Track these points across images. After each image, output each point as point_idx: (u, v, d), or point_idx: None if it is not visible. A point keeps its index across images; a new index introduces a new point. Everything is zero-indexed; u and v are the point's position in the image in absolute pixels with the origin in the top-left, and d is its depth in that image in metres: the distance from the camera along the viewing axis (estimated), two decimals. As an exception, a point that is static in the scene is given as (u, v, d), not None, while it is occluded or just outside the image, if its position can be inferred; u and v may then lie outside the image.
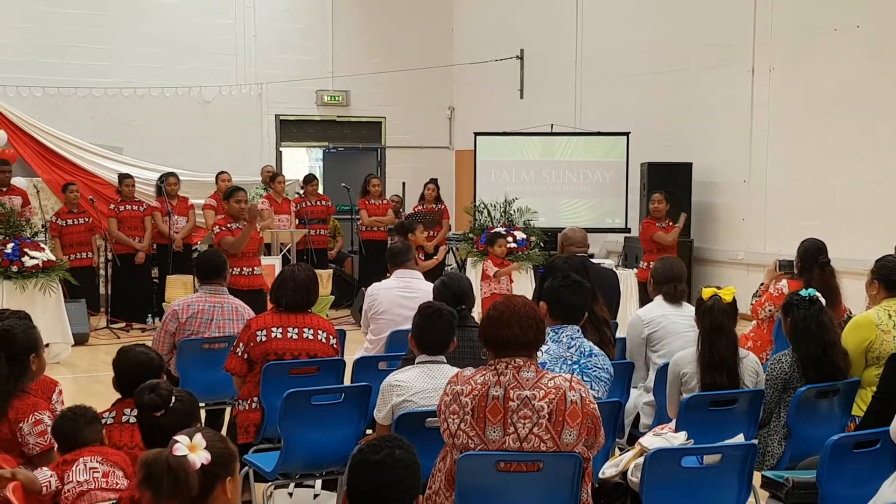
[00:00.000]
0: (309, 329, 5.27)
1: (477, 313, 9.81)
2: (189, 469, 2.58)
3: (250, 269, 8.41)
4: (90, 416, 3.83)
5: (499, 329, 3.58)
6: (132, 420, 3.84)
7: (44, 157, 12.74)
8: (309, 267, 5.62)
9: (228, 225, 8.45)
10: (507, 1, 15.52)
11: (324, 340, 5.30)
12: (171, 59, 14.49)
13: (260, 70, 15.15)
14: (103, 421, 3.90)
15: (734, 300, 4.74)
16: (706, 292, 4.75)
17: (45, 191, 12.23)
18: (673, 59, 12.91)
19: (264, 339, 5.17)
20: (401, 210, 13.79)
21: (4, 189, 11.31)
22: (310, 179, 13.16)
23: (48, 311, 9.28)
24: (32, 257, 9.29)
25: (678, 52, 12.85)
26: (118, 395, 4.14)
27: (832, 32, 10.96)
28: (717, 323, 4.65)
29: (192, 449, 2.61)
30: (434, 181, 13.00)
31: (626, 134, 12.94)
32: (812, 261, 6.38)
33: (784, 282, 6.60)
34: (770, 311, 6.51)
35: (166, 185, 11.81)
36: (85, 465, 3.65)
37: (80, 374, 9.07)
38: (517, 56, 15.33)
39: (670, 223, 10.59)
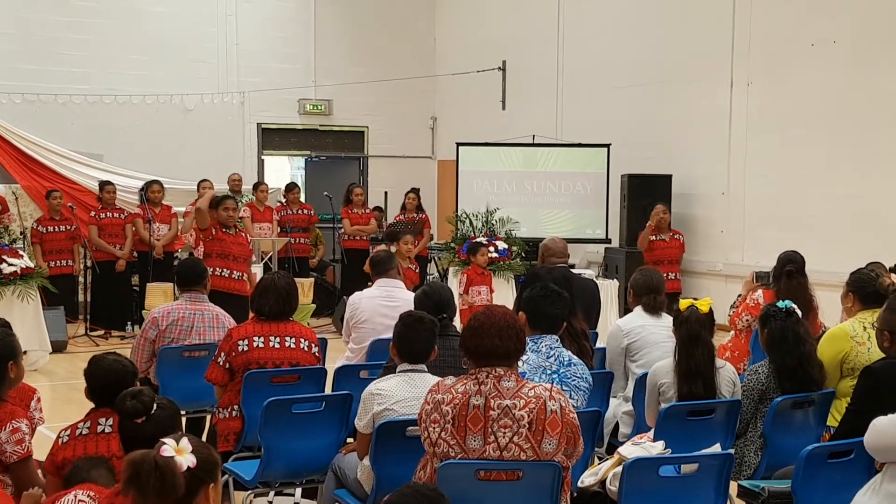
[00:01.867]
0: (290, 338, 5.28)
1: (456, 323, 9.85)
2: (176, 470, 2.59)
3: (240, 274, 8.37)
4: (98, 461, 3.78)
5: (479, 338, 3.60)
6: (107, 430, 3.80)
7: (23, 164, 12.69)
8: (288, 274, 5.63)
9: (212, 231, 8.40)
10: (489, 13, 15.59)
11: (305, 349, 5.31)
12: (153, 67, 14.47)
13: (242, 78, 15.14)
14: (78, 432, 3.85)
15: (711, 311, 4.79)
16: (683, 303, 4.80)
17: (23, 198, 12.19)
18: (653, 71, 13.00)
19: (246, 348, 5.17)
20: (382, 220, 13.80)
21: (-17, 196, 11.27)
22: (291, 188, 13.16)
23: (26, 319, 9.23)
24: (10, 264, 9.24)
25: (658, 65, 12.94)
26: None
27: (809, 47, 11.07)
28: (693, 333, 4.69)
29: (178, 452, 2.62)
30: (415, 191, 13.05)
31: (607, 146, 13.02)
32: (780, 270, 6.49)
33: (760, 292, 6.68)
34: (747, 321, 6.58)
35: (150, 192, 11.80)
36: (75, 497, 3.62)
37: (58, 381, 9.03)
38: (499, 67, 15.40)
39: (673, 236, 10.72)
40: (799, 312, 4.80)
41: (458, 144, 13.53)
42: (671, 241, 10.56)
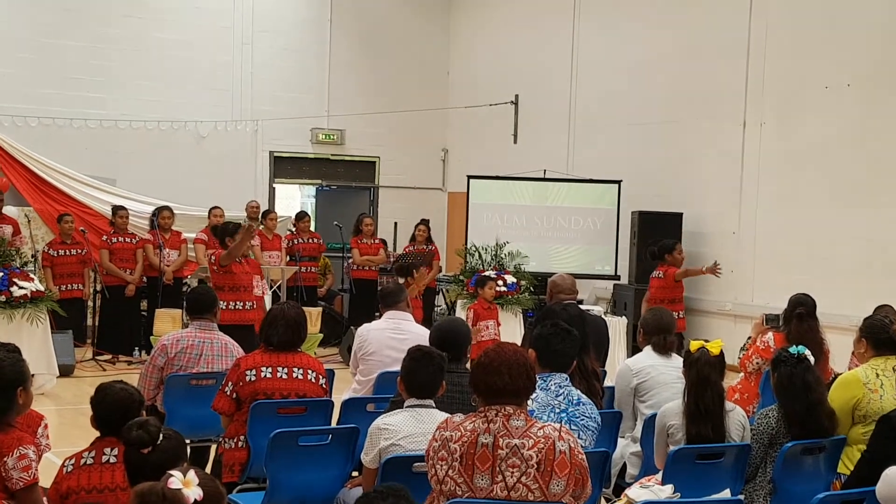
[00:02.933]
0: (298, 369, 5.27)
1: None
2: (183, 502, 2.59)
3: (242, 304, 8.38)
4: None
5: (489, 376, 3.59)
6: (112, 460, 3.78)
7: (36, 187, 12.74)
8: (298, 305, 5.63)
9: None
10: (503, 47, 15.67)
11: (313, 380, 5.30)
12: (169, 94, 14.56)
13: (256, 107, 15.22)
14: (82, 461, 3.83)
15: (721, 353, 4.76)
16: (694, 345, 4.77)
17: (36, 220, 12.23)
18: (666, 109, 13.03)
19: (254, 378, 5.16)
20: (390, 252, 13.81)
21: (-5, 218, 11.31)
22: (302, 216, 13.20)
23: (34, 342, 9.24)
24: (21, 287, 9.26)
25: (671, 103, 12.98)
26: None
27: (823, 90, 11.09)
28: (703, 375, 4.67)
29: (185, 484, 2.62)
30: (425, 222, 13.06)
31: (618, 182, 13.03)
32: (790, 313, 6.45)
33: (770, 335, 6.65)
34: (757, 363, 6.55)
35: (160, 217, 11.83)
36: None
37: (65, 406, 9.01)
38: (512, 101, 15.46)
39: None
40: (811, 358, 4.76)
41: (469, 177, 13.56)
42: (663, 281, 10.46)
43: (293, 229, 13.07)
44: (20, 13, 13.68)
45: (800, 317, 6.37)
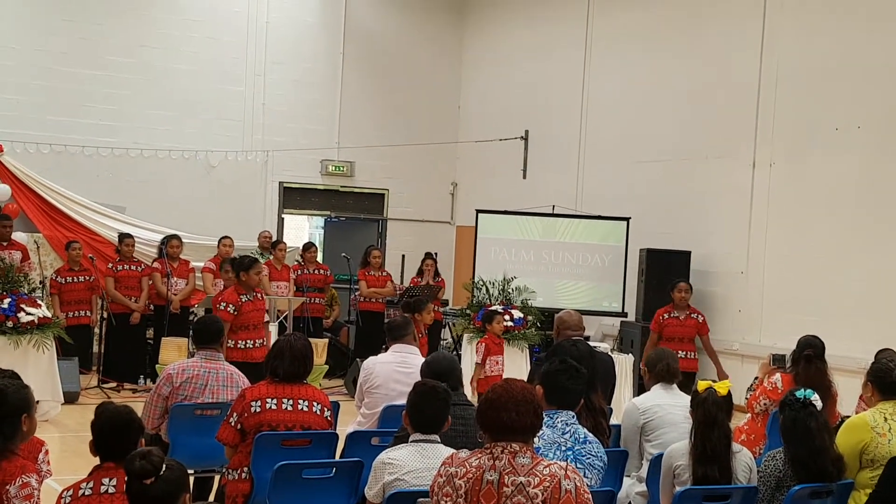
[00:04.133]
0: (304, 401, 5.26)
1: (470, 390, 9.80)
2: None
3: (261, 342, 8.36)
4: None
5: (496, 412, 3.57)
6: (111, 490, 3.75)
7: (46, 214, 12.79)
8: (304, 336, 5.63)
9: (241, 296, 8.41)
10: (514, 82, 15.75)
11: (318, 412, 5.28)
12: (180, 123, 14.66)
13: (267, 137, 15.30)
14: (80, 492, 3.80)
15: (729, 394, 4.73)
16: (702, 384, 4.75)
17: (45, 247, 12.26)
18: (675, 148, 13.07)
19: (259, 409, 5.15)
20: (397, 284, 13.80)
21: (5, 243, 11.34)
22: (308, 247, 13.21)
23: (40, 368, 9.23)
24: (28, 313, 9.27)
25: (681, 141, 13.01)
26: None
27: (833, 131, 11.11)
28: (710, 415, 4.64)
29: (189, 517, 2.61)
30: (431, 256, 13.04)
31: (627, 219, 13.04)
32: (799, 355, 6.43)
33: (777, 376, 6.62)
34: (765, 404, 6.51)
35: (168, 246, 11.85)
36: None
37: (68, 433, 8.98)
38: (522, 137, 15.52)
39: (690, 315, 10.28)
40: (818, 403, 4.73)
41: (478, 211, 13.59)
42: (685, 320, 10.35)
43: (300, 260, 13.08)
44: (36, 41, 13.81)
45: (808, 359, 6.34)
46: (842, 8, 11.17)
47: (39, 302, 9.65)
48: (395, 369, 6.47)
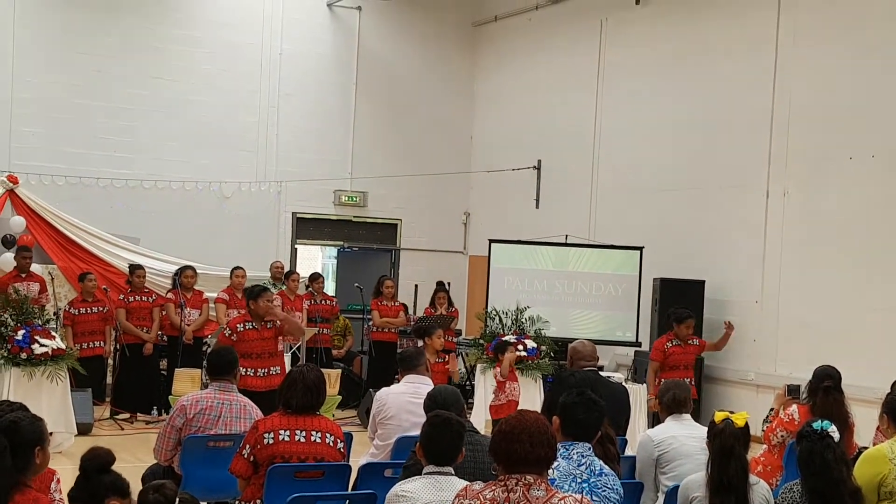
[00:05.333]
0: (317, 432, 5.24)
1: (483, 421, 9.76)
2: None
3: (265, 371, 8.36)
4: None
5: (510, 444, 3.55)
6: None
7: (61, 245, 12.84)
8: (317, 367, 5.62)
9: (246, 323, 8.42)
10: (526, 112, 15.80)
11: (331, 444, 5.27)
12: (194, 154, 14.73)
13: (280, 168, 15.36)
14: None
15: (747, 425, 4.69)
16: (719, 415, 4.70)
17: (59, 278, 12.31)
18: (689, 177, 13.05)
19: (271, 441, 5.13)
20: (410, 315, 13.79)
21: (24, 275, 11.41)
22: (315, 277, 13.23)
23: (54, 400, 9.24)
24: (42, 345, 9.29)
25: (694, 171, 12.99)
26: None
27: (847, 161, 11.08)
28: (727, 446, 4.59)
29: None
30: (445, 289, 13.02)
31: (640, 249, 13.01)
32: (816, 385, 6.36)
33: (794, 408, 6.55)
34: (782, 436, 6.45)
35: (182, 276, 11.88)
36: None
37: (81, 464, 8.96)
38: (534, 166, 15.54)
39: (689, 341, 10.25)
40: (835, 434, 4.67)
41: (491, 241, 13.58)
42: (687, 347, 10.29)
43: (310, 289, 13.07)
44: (51, 74, 13.93)
45: (826, 390, 6.27)
46: (854, 37, 11.17)
47: (53, 333, 9.67)
48: (408, 400, 6.45)
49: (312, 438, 5.20)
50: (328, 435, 5.27)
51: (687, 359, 10.14)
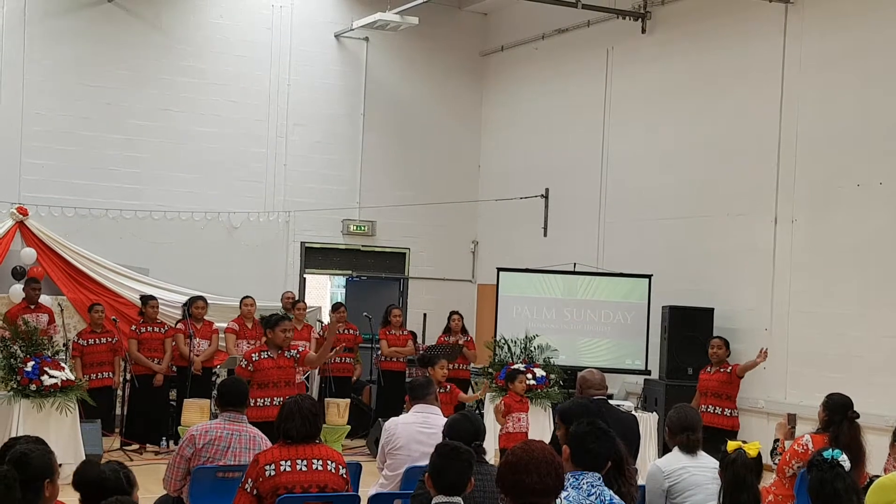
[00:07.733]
0: (318, 460, 5.24)
1: (492, 450, 9.73)
2: None
3: (271, 401, 8.32)
4: None
5: (517, 475, 3.54)
6: None
7: (70, 276, 12.87)
8: (310, 396, 5.66)
9: (262, 353, 8.42)
10: (533, 140, 15.84)
11: (333, 471, 5.26)
12: (203, 185, 14.78)
13: (289, 198, 15.40)
14: None
15: (759, 455, 4.66)
16: (731, 445, 4.68)
17: (69, 309, 12.33)
18: (697, 204, 13.05)
19: (273, 473, 5.13)
20: (419, 344, 13.77)
21: (33, 306, 11.44)
22: (337, 307, 13.26)
23: (63, 431, 9.24)
24: (52, 376, 9.30)
25: (702, 199, 12.99)
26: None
27: (855, 187, 11.08)
28: (739, 477, 4.56)
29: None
30: (459, 312, 13.07)
31: (649, 276, 13.00)
32: (841, 415, 6.29)
33: (808, 437, 6.49)
34: (797, 468, 6.39)
35: (193, 307, 11.90)
36: None
37: (90, 496, 8.94)
38: (542, 195, 15.56)
39: (720, 369, 10.28)
40: (846, 463, 4.64)
41: (499, 269, 13.58)
42: (714, 374, 10.29)
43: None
44: (60, 107, 14.00)
45: (851, 420, 6.21)
46: (861, 63, 11.20)
47: (63, 364, 9.69)
48: (417, 430, 6.44)
49: (314, 466, 5.20)
50: (329, 462, 5.27)
51: (712, 386, 10.21)
